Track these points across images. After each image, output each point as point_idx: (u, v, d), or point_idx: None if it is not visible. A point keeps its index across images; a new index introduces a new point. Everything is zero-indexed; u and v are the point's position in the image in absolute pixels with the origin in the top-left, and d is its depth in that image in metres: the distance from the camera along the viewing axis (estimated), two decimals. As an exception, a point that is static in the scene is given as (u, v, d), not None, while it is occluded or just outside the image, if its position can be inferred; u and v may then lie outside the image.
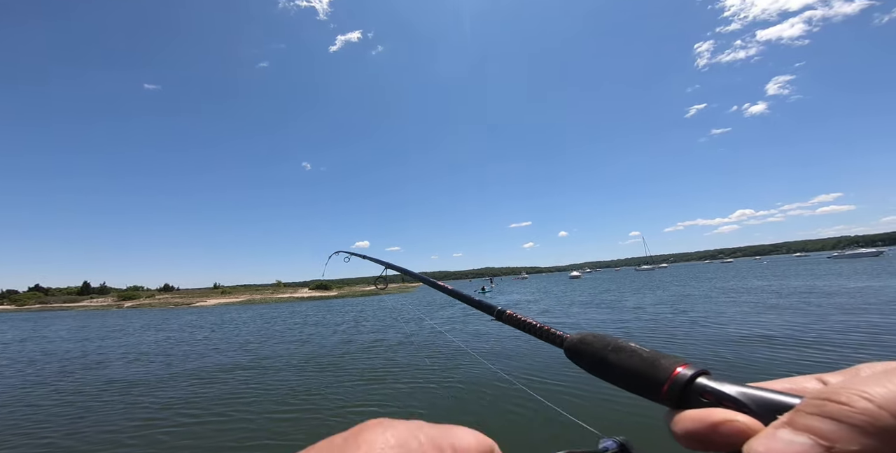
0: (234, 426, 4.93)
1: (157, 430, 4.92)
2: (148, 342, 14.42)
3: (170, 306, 51.08)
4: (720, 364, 6.32)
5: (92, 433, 4.99)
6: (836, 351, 6.60)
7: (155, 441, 4.61)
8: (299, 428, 4.79)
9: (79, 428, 5.17)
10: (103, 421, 5.39)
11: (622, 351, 0.35)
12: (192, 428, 4.97)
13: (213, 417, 5.32)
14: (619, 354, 0.35)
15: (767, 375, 4.44)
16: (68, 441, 4.78)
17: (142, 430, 4.95)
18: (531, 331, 0.54)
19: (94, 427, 5.21)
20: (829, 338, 7.67)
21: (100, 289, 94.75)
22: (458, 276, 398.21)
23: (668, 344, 8.26)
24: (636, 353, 0.33)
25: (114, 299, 69.87)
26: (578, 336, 0.42)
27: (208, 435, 4.68)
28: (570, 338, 0.43)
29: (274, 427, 4.85)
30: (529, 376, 6.23)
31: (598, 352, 0.37)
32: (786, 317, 10.45)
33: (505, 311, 0.63)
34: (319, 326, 16.76)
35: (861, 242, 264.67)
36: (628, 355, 0.34)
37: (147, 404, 6.09)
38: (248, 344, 12.24)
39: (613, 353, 0.35)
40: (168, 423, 5.17)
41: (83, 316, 38.77)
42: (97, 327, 23.25)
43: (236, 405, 5.78)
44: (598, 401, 4.80)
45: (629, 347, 0.35)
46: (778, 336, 8.15)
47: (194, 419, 5.29)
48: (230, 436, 4.60)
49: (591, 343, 0.39)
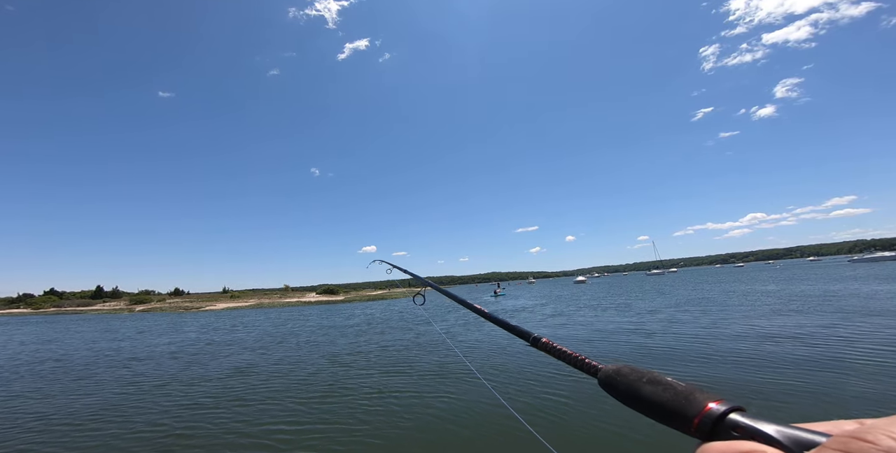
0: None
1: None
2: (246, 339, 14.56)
3: (180, 310, 51.63)
4: (715, 380, 6.17)
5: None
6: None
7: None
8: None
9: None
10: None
11: (658, 383, 0.34)
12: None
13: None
14: (654, 387, 0.34)
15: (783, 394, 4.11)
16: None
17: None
18: (566, 360, 0.54)
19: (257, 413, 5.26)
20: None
21: (112, 292, 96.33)
22: (464, 281, 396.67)
23: (663, 355, 8.08)
24: (671, 387, 0.33)
25: (126, 303, 70.96)
26: (614, 367, 0.42)
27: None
28: (605, 368, 0.43)
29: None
30: (528, 400, 5.22)
31: (633, 384, 0.37)
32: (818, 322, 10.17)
33: (541, 339, 0.63)
34: (346, 328, 16.77)
35: (878, 246, 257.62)
36: (663, 388, 0.33)
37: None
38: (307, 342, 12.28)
39: (649, 386, 0.35)
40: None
41: (102, 319, 39.39)
42: (155, 326, 23.60)
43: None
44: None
45: (665, 381, 0.34)
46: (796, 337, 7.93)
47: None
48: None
49: (627, 375, 0.39)
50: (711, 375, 5.81)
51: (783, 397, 4.71)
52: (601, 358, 6.22)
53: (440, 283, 1.60)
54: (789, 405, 4.47)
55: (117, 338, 17.52)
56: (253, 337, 15.22)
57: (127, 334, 19.67)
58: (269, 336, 15.18)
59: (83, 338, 18.38)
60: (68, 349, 14.23)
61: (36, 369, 10.13)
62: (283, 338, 14.01)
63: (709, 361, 6.65)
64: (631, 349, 8.19)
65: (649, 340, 9.00)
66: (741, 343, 7.89)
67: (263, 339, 14.03)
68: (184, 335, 17.73)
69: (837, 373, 5.46)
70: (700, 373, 5.93)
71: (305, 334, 15.11)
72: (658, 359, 7.02)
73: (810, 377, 5.38)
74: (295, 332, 15.97)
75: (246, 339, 14.42)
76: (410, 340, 11.50)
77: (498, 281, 74.06)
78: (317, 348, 11.16)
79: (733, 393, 4.95)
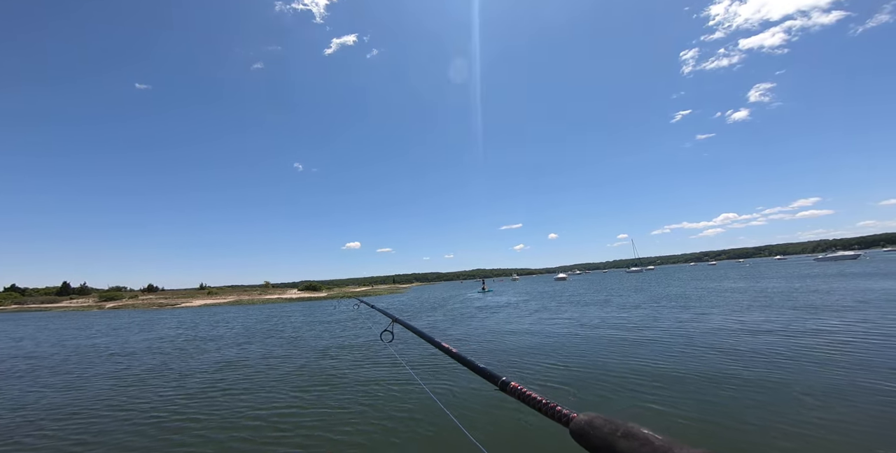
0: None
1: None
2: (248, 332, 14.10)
3: (154, 307, 49.90)
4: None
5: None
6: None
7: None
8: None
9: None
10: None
11: (634, 438, 0.33)
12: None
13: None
14: (630, 442, 0.33)
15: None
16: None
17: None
18: (535, 406, 0.51)
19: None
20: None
21: (80, 289, 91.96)
22: (449, 277, 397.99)
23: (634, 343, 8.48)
24: (648, 441, 0.32)
25: (95, 300, 67.93)
26: (587, 418, 0.40)
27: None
28: (578, 419, 0.41)
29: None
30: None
31: (608, 438, 0.35)
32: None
33: (509, 383, 0.60)
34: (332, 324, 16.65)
35: (839, 245, 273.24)
36: (640, 443, 0.32)
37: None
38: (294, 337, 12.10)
39: (624, 440, 0.34)
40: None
41: (70, 316, 37.62)
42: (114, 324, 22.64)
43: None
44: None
45: (641, 434, 0.33)
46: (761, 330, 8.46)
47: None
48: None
49: (601, 427, 0.37)
50: (690, 367, 6.18)
51: (752, 394, 5.08)
52: (586, 352, 6.52)
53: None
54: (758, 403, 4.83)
55: (91, 335, 16.88)
56: (234, 333, 14.97)
57: (100, 330, 18.96)
58: (249, 332, 14.96)
59: (58, 336, 17.62)
60: (41, 345, 13.64)
61: (9, 366, 9.71)
62: (268, 334, 13.85)
63: (684, 353, 7.05)
64: (611, 342, 8.55)
65: (631, 334, 9.41)
66: (714, 336, 8.36)
67: (246, 334, 13.83)
68: (163, 332, 17.25)
69: (789, 364, 5.92)
70: (678, 365, 6.30)
71: (290, 330, 14.97)
72: (639, 350, 7.36)
73: (769, 369, 5.82)
74: (278, 328, 15.80)
75: (226, 336, 14.17)
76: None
77: (483, 277, 74.65)
78: (305, 342, 11.13)
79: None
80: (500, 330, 11.74)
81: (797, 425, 3.92)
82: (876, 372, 5.34)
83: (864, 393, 4.65)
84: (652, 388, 5.27)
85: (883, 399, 4.43)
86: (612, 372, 6.17)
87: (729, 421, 4.12)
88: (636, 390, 5.25)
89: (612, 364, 6.71)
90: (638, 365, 6.53)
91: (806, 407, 4.35)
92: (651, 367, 6.32)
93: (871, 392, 4.65)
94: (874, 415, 4.02)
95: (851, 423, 3.88)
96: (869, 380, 5.03)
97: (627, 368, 6.38)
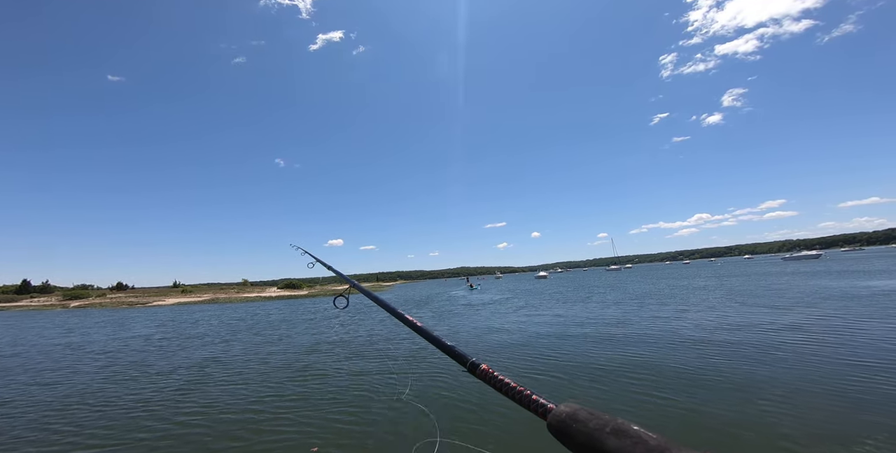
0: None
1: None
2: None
3: (123, 306, 47.69)
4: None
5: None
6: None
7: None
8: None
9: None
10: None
11: (625, 435, 0.29)
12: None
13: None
14: (621, 440, 0.29)
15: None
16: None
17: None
18: (507, 393, 0.44)
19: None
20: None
21: (41, 287, 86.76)
22: (434, 275, 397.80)
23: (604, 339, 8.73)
24: (641, 440, 0.28)
25: (59, 298, 64.32)
26: (568, 409, 0.35)
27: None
28: (557, 410, 0.35)
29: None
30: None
31: (594, 434, 0.30)
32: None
33: (479, 365, 0.53)
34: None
35: (802, 245, 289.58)
36: (633, 442, 0.28)
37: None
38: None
39: (614, 437, 0.29)
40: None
41: (30, 316, 35.42)
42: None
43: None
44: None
45: (633, 431, 0.30)
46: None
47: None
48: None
49: (586, 421, 0.32)
50: (673, 357, 6.41)
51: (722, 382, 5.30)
52: (571, 343, 6.70)
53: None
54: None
55: (61, 334, 15.95)
56: (215, 331, 14.48)
57: (73, 329, 17.95)
58: (231, 329, 14.51)
59: (18, 336, 16.55)
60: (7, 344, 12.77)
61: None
62: (255, 331, 13.46)
63: (663, 346, 7.31)
64: (595, 335, 8.76)
65: (613, 329, 9.68)
66: (690, 330, 8.71)
67: (229, 332, 13.40)
68: (140, 330, 16.49)
69: (753, 355, 6.24)
70: (658, 355, 6.53)
71: (271, 327, 14.61)
72: (618, 345, 7.58)
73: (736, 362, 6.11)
74: (260, 326, 15.38)
75: (208, 334, 13.69)
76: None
77: (467, 275, 75.09)
78: (291, 340, 10.88)
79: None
80: (488, 326, 11.92)
81: (766, 416, 4.13)
82: (855, 366, 5.69)
83: (831, 381, 4.95)
84: (633, 377, 5.49)
85: (846, 386, 4.73)
86: (593, 364, 6.38)
87: (707, 408, 4.30)
88: (618, 380, 5.44)
89: (593, 355, 6.95)
90: (618, 355, 6.78)
91: (773, 398, 4.59)
92: (631, 357, 6.56)
93: (839, 378, 4.96)
94: (840, 403, 4.29)
95: (817, 410, 4.12)
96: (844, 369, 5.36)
97: (606, 359, 6.64)
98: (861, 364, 5.56)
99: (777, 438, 3.55)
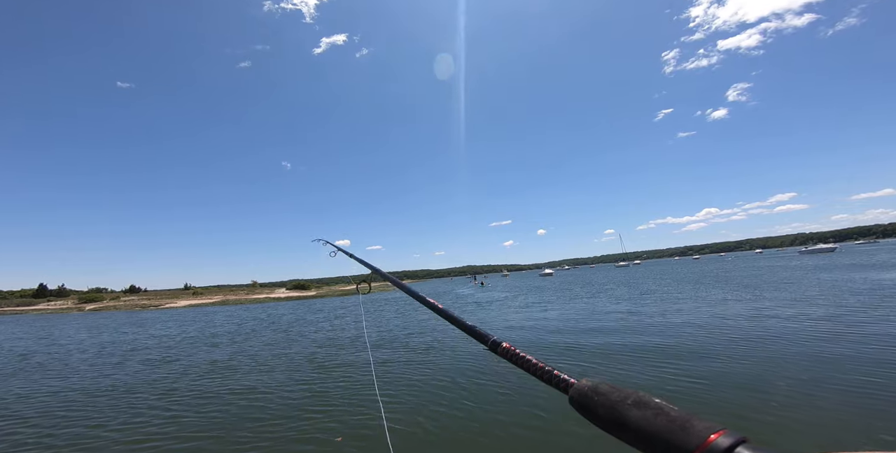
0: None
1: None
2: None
3: (137, 308, 48.56)
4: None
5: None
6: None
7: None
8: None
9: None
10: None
11: (646, 407, 0.30)
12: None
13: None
14: (642, 411, 0.30)
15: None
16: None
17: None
18: (530, 370, 0.45)
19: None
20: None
21: (58, 291, 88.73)
22: (440, 274, 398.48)
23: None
24: (663, 412, 0.29)
25: (74, 302, 65.68)
26: (590, 383, 0.35)
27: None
28: (579, 385, 0.36)
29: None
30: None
31: (616, 406, 0.31)
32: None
33: (501, 343, 0.53)
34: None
35: (815, 239, 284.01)
36: (654, 413, 0.29)
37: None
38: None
39: (635, 409, 0.30)
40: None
41: (48, 319, 36.25)
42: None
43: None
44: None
45: (654, 403, 0.30)
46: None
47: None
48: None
49: (607, 394, 0.33)
50: (682, 344, 6.33)
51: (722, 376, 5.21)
52: (590, 337, 6.78)
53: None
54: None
55: (92, 336, 16.29)
56: (233, 331, 14.68)
57: (78, 335, 18.33)
58: (248, 329, 14.70)
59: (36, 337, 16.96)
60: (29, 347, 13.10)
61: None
62: (274, 330, 13.63)
63: (678, 334, 7.22)
64: (613, 328, 8.69)
65: (630, 324, 9.55)
66: (702, 329, 8.57)
67: (246, 333, 13.57)
68: (160, 330, 16.79)
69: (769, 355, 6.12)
70: (674, 342, 6.45)
71: (279, 330, 14.77)
72: (637, 341, 7.50)
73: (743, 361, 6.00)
74: (258, 329, 15.55)
75: (227, 333, 13.89)
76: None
77: (474, 274, 75.03)
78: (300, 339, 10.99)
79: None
80: (499, 321, 12.19)
81: (786, 398, 4.04)
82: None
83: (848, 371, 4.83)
84: (654, 361, 5.66)
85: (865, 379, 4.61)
86: (608, 349, 6.70)
87: (721, 392, 4.24)
88: (634, 363, 5.67)
89: (605, 341, 7.31)
90: (633, 342, 7.11)
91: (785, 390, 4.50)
92: (647, 343, 6.88)
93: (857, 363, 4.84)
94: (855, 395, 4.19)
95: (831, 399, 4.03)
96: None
97: (620, 344, 7.01)
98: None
99: (810, 417, 3.48)
